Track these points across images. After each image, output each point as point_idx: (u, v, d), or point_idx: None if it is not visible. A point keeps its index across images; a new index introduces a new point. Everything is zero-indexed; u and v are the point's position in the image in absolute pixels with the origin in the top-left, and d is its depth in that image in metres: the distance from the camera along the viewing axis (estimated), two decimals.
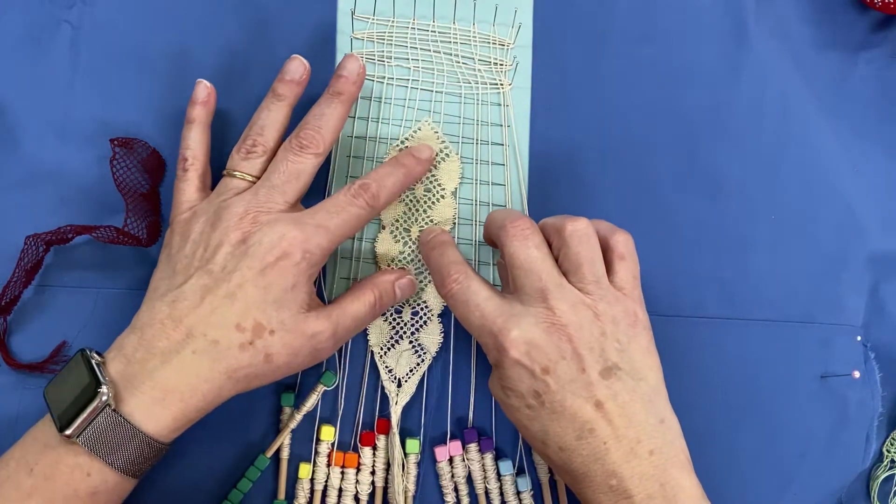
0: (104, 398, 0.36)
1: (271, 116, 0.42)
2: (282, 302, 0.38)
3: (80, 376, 0.37)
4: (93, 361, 0.37)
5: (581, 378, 0.36)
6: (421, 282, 0.46)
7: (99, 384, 0.36)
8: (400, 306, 0.46)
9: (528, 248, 0.39)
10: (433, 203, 0.47)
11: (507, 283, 0.41)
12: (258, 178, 0.41)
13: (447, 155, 0.47)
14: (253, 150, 0.42)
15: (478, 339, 0.39)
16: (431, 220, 0.46)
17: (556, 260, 0.39)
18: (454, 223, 0.47)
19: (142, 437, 0.36)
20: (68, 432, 0.35)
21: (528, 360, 0.37)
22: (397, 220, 0.46)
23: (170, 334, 0.37)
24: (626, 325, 0.38)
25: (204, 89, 0.43)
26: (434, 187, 0.47)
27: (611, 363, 0.37)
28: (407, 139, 0.47)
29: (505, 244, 0.39)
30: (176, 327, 0.37)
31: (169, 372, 0.37)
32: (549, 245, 0.40)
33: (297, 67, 0.43)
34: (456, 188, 0.47)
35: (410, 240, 0.46)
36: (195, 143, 0.43)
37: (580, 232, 0.39)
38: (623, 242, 0.40)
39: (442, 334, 0.46)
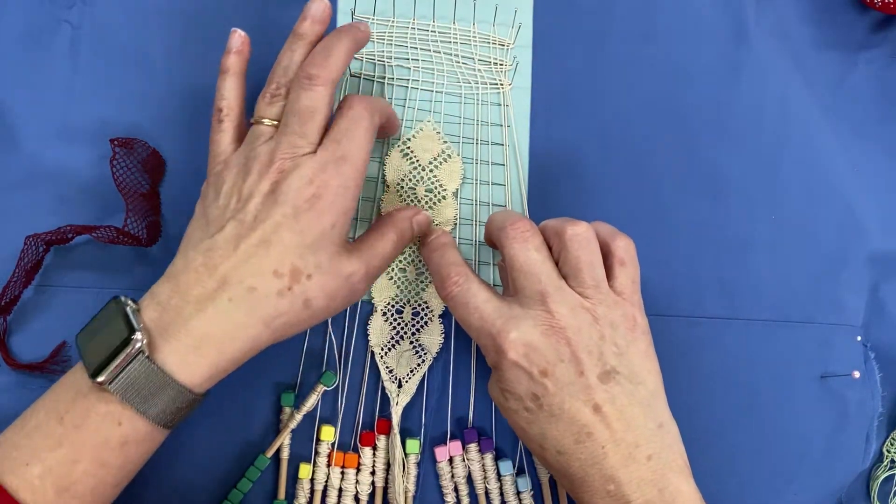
0: (138, 345, 0.35)
1: (294, 57, 0.41)
2: (318, 245, 0.37)
3: (114, 323, 0.36)
4: (127, 309, 0.36)
5: (579, 381, 0.36)
6: (422, 282, 0.46)
7: (133, 331, 0.35)
8: (401, 307, 0.46)
9: (527, 251, 0.39)
10: (434, 203, 0.47)
11: (508, 286, 0.41)
12: None
13: (449, 156, 0.47)
14: (277, 94, 0.40)
15: (477, 340, 0.39)
16: (432, 221, 0.46)
17: (557, 263, 0.39)
18: (455, 224, 0.47)
19: (175, 387, 0.35)
20: (100, 379, 0.35)
21: (527, 363, 0.37)
22: None
23: (205, 282, 0.36)
24: (625, 329, 0.38)
25: (238, 38, 0.42)
26: (435, 188, 0.47)
27: (609, 367, 0.37)
28: (409, 140, 0.47)
29: (505, 246, 0.39)
30: (211, 275, 0.36)
31: (204, 320, 0.36)
32: (550, 248, 0.40)
33: (319, 6, 0.41)
34: (457, 189, 0.47)
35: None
36: (230, 93, 0.42)
37: (581, 236, 0.39)
38: (624, 247, 0.40)
39: (443, 335, 0.46)
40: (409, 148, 0.47)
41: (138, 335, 0.35)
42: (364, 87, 0.48)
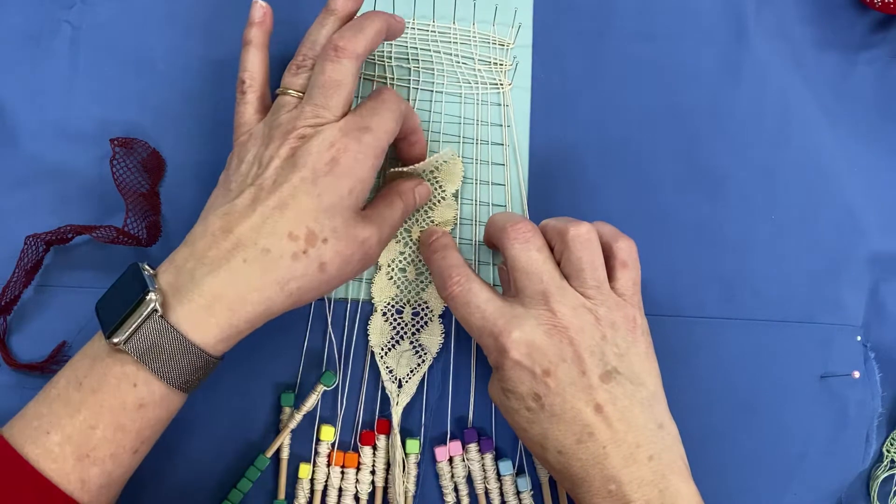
0: (151, 305, 0.35)
1: (323, 31, 0.41)
2: (335, 209, 0.37)
3: (131, 286, 0.36)
4: (144, 273, 0.36)
5: (581, 381, 0.36)
6: (422, 283, 0.46)
7: (147, 291, 0.35)
8: (401, 307, 0.46)
9: (529, 251, 0.39)
10: (434, 204, 0.46)
11: (508, 287, 0.41)
12: None
13: (450, 156, 0.47)
14: (303, 65, 0.41)
15: (478, 340, 0.39)
16: (432, 221, 0.46)
17: (558, 263, 0.39)
18: (455, 224, 0.47)
19: (189, 347, 0.35)
20: (116, 340, 0.35)
21: (529, 362, 0.37)
22: None
23: (220, 244, 0.36)
24: (626, 330, 0.38)
25: (259, 9, 0.42)
26: (436, 189, 0.47)
27: (610, 367, 0.37)
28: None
29: (506, 247, 0.39)
30: (226, 237, 0.36)
31: (218, 280, 0.36)
32: (551, 248, 0.40)
33: None
34: (457, 190, 0.47)
35: (411, 240, 0.46)
36: (252, 65, 0.42)
37: (583, 236, 0.39)
38: (626, 249, 0.40)
39: (443, 335, 0.46)
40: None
41: (152, 295, 0.35)
42: (364, 87, 0.48)
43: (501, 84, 0.48)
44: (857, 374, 0.47)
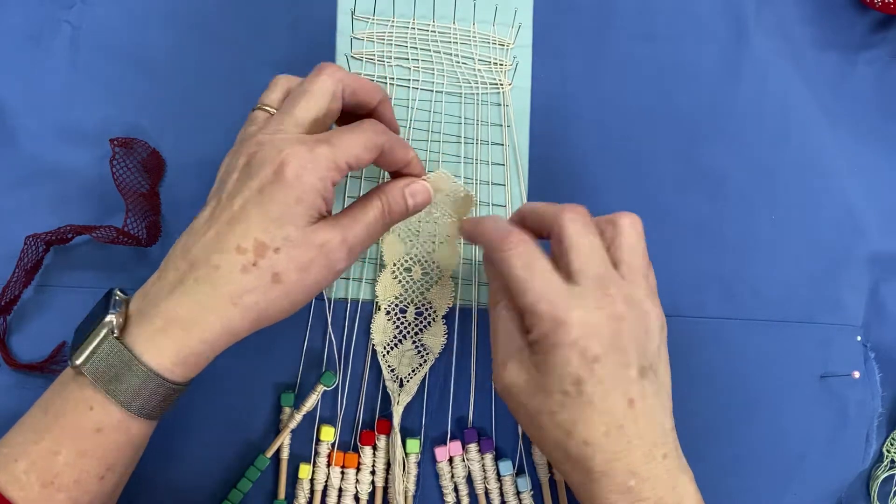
0: (108, 326, 0.35)
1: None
2: (285, 218, 0.36)
3: (98, 311, 0.36)
4: (114, 298, 0.37)
5: (623, 373, 0.36)
6: (426, 282, 0.46)
7: (106, 314, 0.35)
8: (405, 306, 0.46)
9: (589, 234, 0.37)
10: (437, 221, 0.45)
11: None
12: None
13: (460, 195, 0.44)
14: (277, 82, 0.41)
15: (529, 308, 0.36)
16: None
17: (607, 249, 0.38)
18: (459, 243, 0.46)
19: (143, 370, 0.35)
20: (77, 362, 0.35)
21: (584, 343, 0.35)
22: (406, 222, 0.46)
23: (179, 265, 0.36)
24: (658, 326, 0.37)
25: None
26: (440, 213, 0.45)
27: (647, 363, 0.36)
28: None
29: (565, 226, 0.37)
30: (185, 258, 0.36)
31: (173, 302, 0.36)
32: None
33: None
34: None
35: (418, 241, 0.46)
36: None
37: (637, 226, 0.38)
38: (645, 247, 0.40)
39: (446, 335, 0.46)
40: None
41: (110, 317, 0.35)
42: None
43: (501, 84, 0.48)
44: (857, 375, 0.47)
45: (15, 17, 0.47)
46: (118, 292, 0.37)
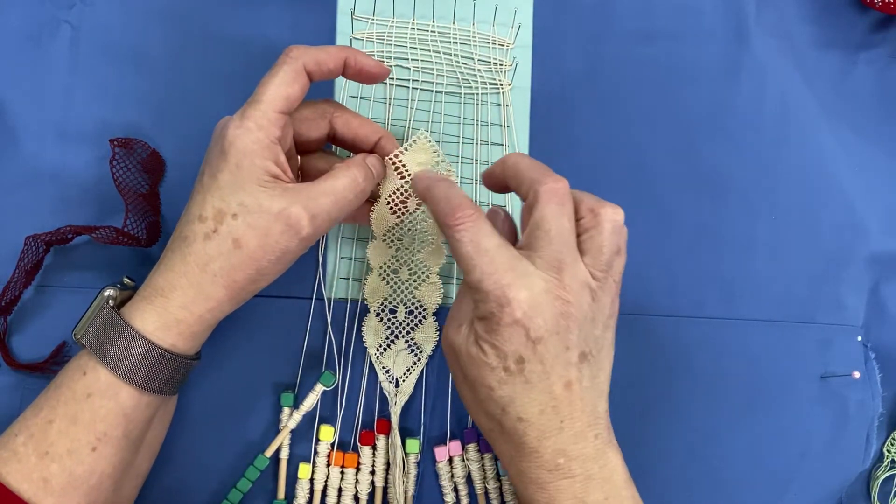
0: (104, 297, 0.40)
1: None
2: (235, 184, 0.38)
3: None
4: (122, 279, 0.42)
5: (563, 356, 0.36)
6: (415, 282, 0.46)
7: (105, 288, 0.40)
8: (395, 306, 0.46)
9: (561, 217, 0.37)
10: (427, 217, 0.45)
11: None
12: None
13: (445, 168, 0.45)
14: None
15: (475, 284, 0.36)
16: (424, 226, 0.46)
17: (578, 235, 0.38)
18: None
19: (128, 330, 0.37)
20: (78, 336, 0.39)
21: (527, 323, 0.36)
22: (390, 230, 0.46)
23: (170, 245, 0.39)
24: (608, 315, 0.38)
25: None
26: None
27: (588, 349, 0.37)
28: (402, 152, 0.43)
29: (540, 202, 0.38)
30: (173, 239, 0.39)
31: (156, 275, 0.39)
32: (577, 219, 0.38)
33: None
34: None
35: (402, 246, 0.45)
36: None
37: (618, 223, 0.38)
38: (624, 236, 0.39)
39: (437, 333, 0.46)
40: (401, 162, 0.43)
41: (109, 290, 0.40)
42: (364, 87, 0.48)
43: (501, 84, 0.48)
44: (857, 375, 0.47)
45: (15, 18, 0.47)
46: (126, 279, 0.42)
